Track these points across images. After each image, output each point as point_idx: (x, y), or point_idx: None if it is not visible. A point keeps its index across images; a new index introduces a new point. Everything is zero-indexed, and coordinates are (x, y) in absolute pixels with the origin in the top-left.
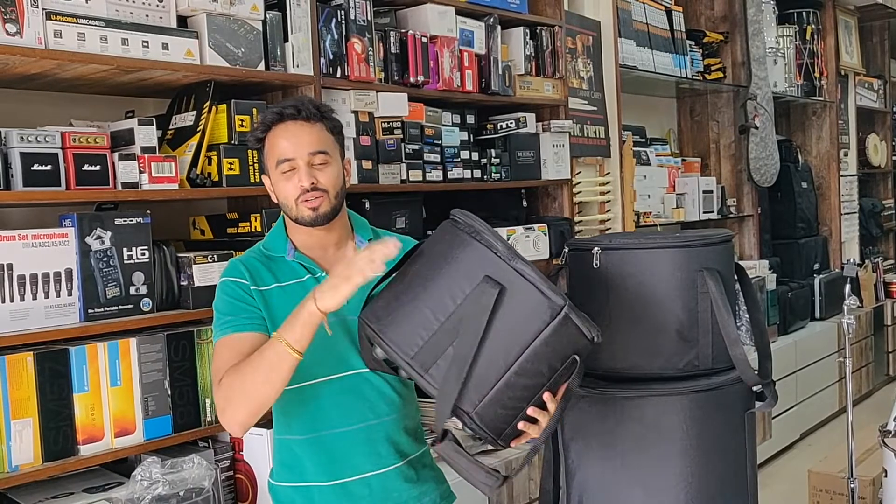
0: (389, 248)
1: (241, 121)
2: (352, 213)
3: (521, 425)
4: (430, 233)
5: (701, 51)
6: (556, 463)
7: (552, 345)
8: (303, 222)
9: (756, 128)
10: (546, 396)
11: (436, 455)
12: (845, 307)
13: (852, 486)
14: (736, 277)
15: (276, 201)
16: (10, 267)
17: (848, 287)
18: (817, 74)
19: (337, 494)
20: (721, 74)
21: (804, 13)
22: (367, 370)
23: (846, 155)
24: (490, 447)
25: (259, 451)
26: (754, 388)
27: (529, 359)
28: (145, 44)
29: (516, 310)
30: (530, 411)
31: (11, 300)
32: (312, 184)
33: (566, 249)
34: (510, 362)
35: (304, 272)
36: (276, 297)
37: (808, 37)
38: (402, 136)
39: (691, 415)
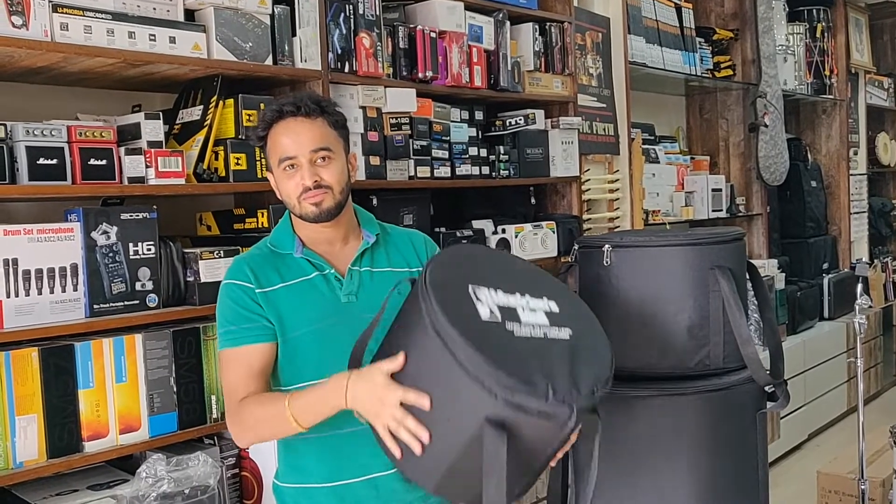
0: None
1: (249, 116)
2: (358, 208)
3: None
4: (437, 230)
5: (711, 48)
6: (565, 461)
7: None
8: (307, 219)
9: (765, 126)
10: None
11: None
12: (857, 307)
13: (863, 487)
14: (747, 276)
15: (280, 198)
16: (16, 262)
17: (860, 286)
18: (827, 72)
19: (342, 497)
20: (731, 72)
21: (815, 11)
22: None
23: (856, 154)
24: None
25: (265, 449)
26: (766, 388)
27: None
28: (152, 37)
29: (528, 439)
30: None
31: (17, 295)
32: (315, 182)
33: (576, 247)
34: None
35: (311, 269)
36: (283, 297)
37: (818, 34)
38: (410, 131)
39: (702, 414)
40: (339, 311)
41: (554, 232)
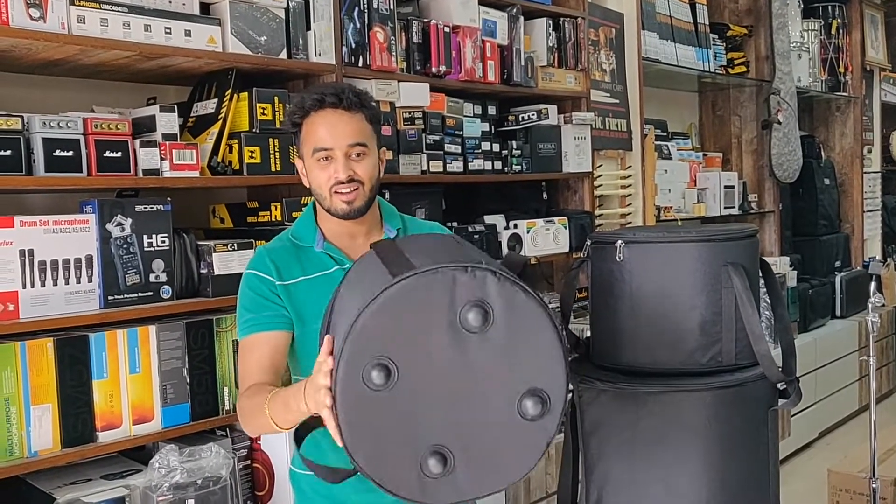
0: (322, 368)
1: (263, 109)
2: (381, 201)
3: None
4: (449, 225)
5: (724, 44)
6: (576, 457)
7: None
8: (336, 214)
9: (779, 123)
10: None
11: None
12: (870, 304)
13: (874, 486)
14: (760, 274)
15: (307, 186)
16: (31, 252)
17: (873, 284)
18: (842, 69)
19: (359, 482)
20: (744, 69)
21: (830, 7)
22: None
23: (870, 151)
24: None
25: (277, 440)
26: (778, 385)
27: None
28: (168, 30)
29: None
30: None
31: (32, 286)
32: (349, 176)
33: (588, 242)
34: None
35: (331, 263)
36: (303, 290)
37: (833, 31)
38: (423, 126)
39: (714, 411)
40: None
41: (566, 227)
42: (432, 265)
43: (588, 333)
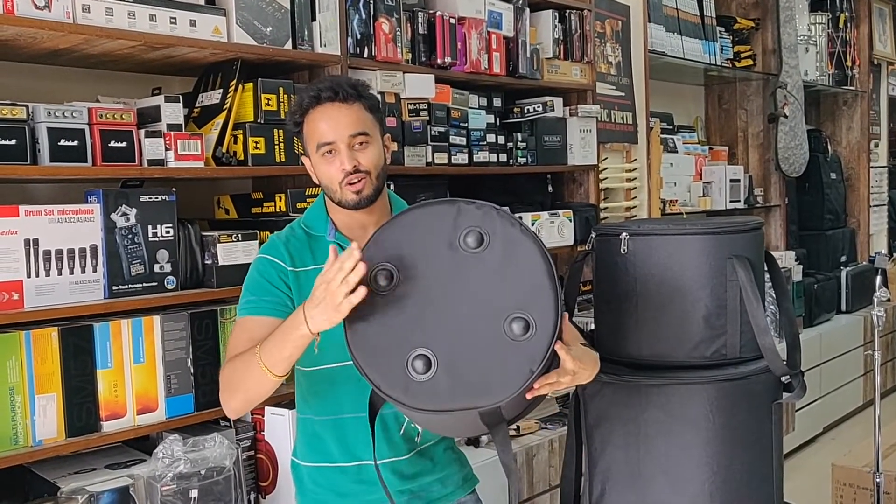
0: (353, 255)
1: (268, 100)
2: (391, 194)
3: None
4: None
5: (731, 37)
6: (579, 449)
7: None
8: (347, 206)
9: (785, 117)
10: None
11: (458, 439)
12: (876, 299)
13: (878, 480)
14: (765, 267)
15: (317, 182)
16: (36, 242)
17: (879, 279)
18: (849, 63)
19: (359, 476)
20: (751, 62)
21: (837, 0)
22: None
23: (877, 146)
24: (511, 433)
25: (280, 431)
26: (782, 379)
27: None
28: (173, 20)
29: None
30: None
31: (37, 275)
32: (354, 166)
33: (593, 234)
34: None
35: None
36: (313, 279)
37: (840, 24)
38: (428, 118)
39: (717, 404)
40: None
41: (571, 220)
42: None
43: (592, 326)
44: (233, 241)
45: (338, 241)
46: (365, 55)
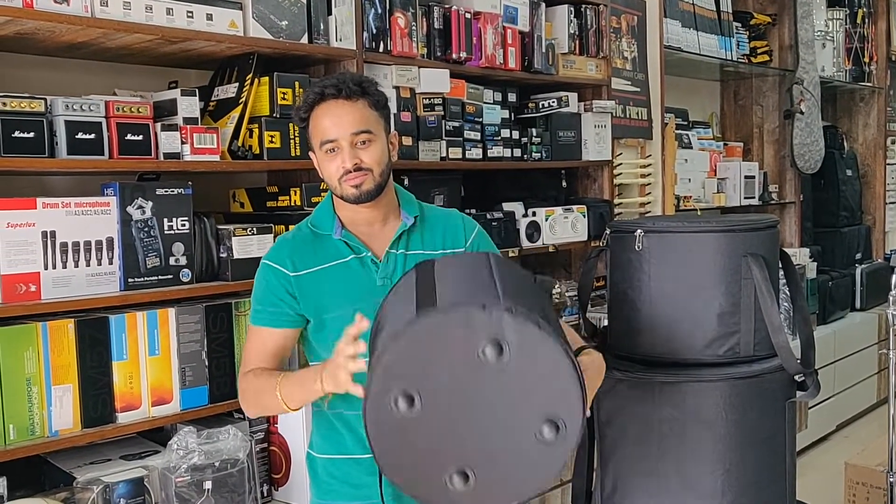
0: (359, 327)
1: (283, 94)
2: (398, 189)
3: None
4: (468, 211)
5: (748, 33)
6: (591, 445)
7: None
8: (348, 200)
9: (801, 113)
10: None
11: None
12: (891, 298)
13: (891, 479)
14: (780, 264)
15: (322, 178)
16: (53, 234)
17: (894, 277)
18: (867, 59)
19: (374, 467)
20: (767, 58)
21: None
22: None
23: (893, 143)
24: None
25: (294, 424)
26: (796, 377)
27: None
28: (190, 14)
29: None
30: None
31: (54, 267)
32: (355, 164)
33: (608, 231)
34: None
35: (348, 251)
36: (320, 279)
37: (858, 20)
38: (442, 112)
39: (730, 402)
40: (374, 294)
41: (584, 216)
42: (455, 301)
43: (605, 322)
44: (248, 235)
45: (344, 238)
46: (380, 50)
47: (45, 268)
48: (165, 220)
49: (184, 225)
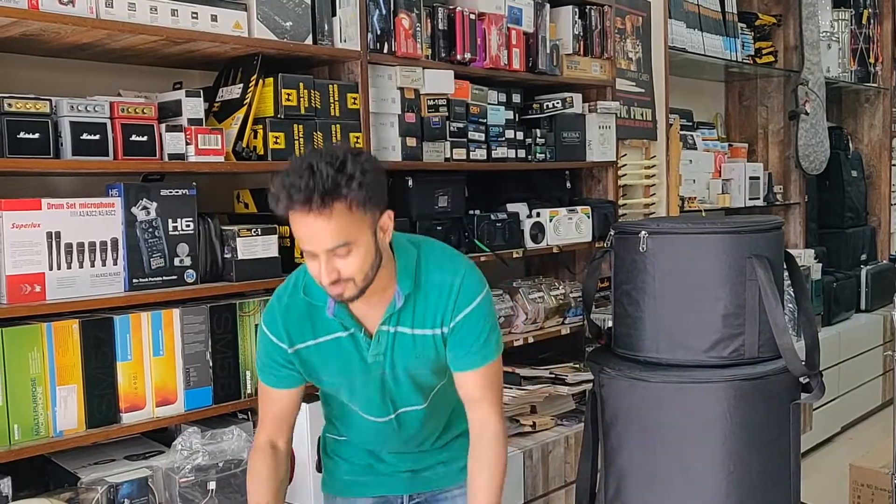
0: None
1: (288, 95)
2: (399, 254)
3: None
4: (472, 212)
5: (752, 34)
6: (595, 447)
7: None
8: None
9: (806, 114)
10: None
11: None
12: None
13: None
14: (785, 266)
15: None
16: (58, 235)
17: None
18: (872, 60)
19: (377, 456)
20: (772, 58)
21: None
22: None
23: None
24: (527, 429)
25: (298, 425)
26: (801, 379)
27: None
28: (194, 15)
29: None
30: None
31: (59, 268)
32: (334, 279)
33: (612, 232)
34: None
35: (340, 328)
36: (313, 353)
37: (864, 21)
38: (447, 113)
39: (734, 404)
40: (365, 370)
41: (589, 217)
42: None
43: (610, 324)
44: (252, 236)
45: (337, 317)
46: (385, 50)
47: (50, 268)
48: (170, 220)
49: (188, 226)
